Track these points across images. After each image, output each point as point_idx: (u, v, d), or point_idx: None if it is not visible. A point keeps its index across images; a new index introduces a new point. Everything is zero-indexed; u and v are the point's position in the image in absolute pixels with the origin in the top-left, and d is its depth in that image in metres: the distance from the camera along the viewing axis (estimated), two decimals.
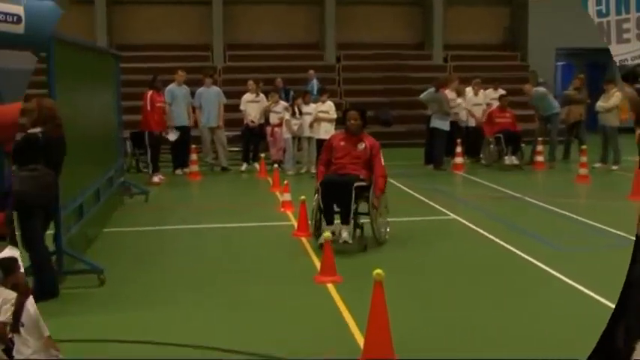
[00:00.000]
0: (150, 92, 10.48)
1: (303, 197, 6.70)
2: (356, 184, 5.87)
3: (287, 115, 11.22)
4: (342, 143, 5.98)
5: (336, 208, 5.88)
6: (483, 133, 12.43)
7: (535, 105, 12.31)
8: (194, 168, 11.13)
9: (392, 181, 10.27)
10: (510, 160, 11.51)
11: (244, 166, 11.76)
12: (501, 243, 6.32)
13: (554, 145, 11.92)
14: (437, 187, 9.83)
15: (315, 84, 14.26)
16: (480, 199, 8.90)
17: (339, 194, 5.79)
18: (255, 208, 8.56)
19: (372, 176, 6.04)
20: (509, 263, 5.73)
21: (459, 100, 12.41)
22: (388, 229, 6.34)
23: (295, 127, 11.22)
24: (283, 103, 11.80)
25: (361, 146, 5.92)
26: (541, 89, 12.18)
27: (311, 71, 14.82)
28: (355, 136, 6.01)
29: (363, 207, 6.12)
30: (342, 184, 5.83)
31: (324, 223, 5.88)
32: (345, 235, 5.72)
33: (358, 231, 6.00)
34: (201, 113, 11.52)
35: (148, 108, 10.37)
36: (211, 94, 11.58)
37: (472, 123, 12.55)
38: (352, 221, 5.82)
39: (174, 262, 5.87)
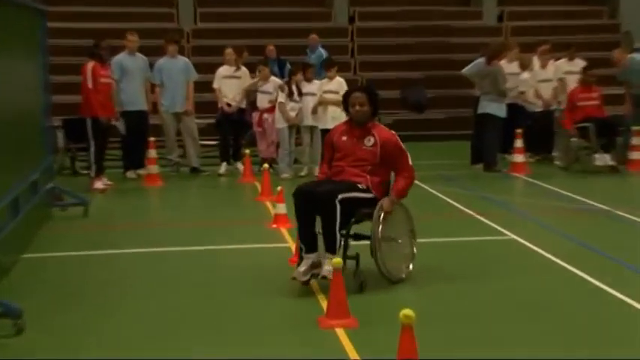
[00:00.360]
0: (91, 64, 10.45)
1: None
2: (342, 197, 5.50)
3: (281, 97, 11.18)
4: (344, 138, 5.79)
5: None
6: (554, 120, 12.42)
7: (628, 80, 12.26)
8: (153, 169, 11.13)
9: (425, 186, 10.36)
10: (603, 159, 11.23)
11: (223, 167, 11.75)
12: (582, 275, 6.24)
13: None
14: (488, 196, 9.80)
15: (320, 53, 14.26)
16: (550, 212, 8.85)
17: (317, 211, 5.54)
18: (237, 224, 8.53)
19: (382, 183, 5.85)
20: (594, 305, 5.63)
21: (525, 75, 12.37)
22: (411, 266, 6.04)
23: (293, 114, 11.20)
24: (276, 81, 11.76)
25: (369, 142, 5.70)
26: (638, 57, 12.12)
27: (314, 36, 14.83)
28: (360, 127, 5.78)
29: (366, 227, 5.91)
30: (319, 196, 5.49)
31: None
32: (326, 268, 5.40)
33: (350, 262, 5.67)
34: (162, 93, 11.50)
35: (89, 85, 10.36)
36: (176, 68, 11.61)
37: (539, 107, 12.54)
38: (342, 248, 5.59)
39: (124, 302, 5.82)
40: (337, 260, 5.07)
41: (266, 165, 10.05)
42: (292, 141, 11.40)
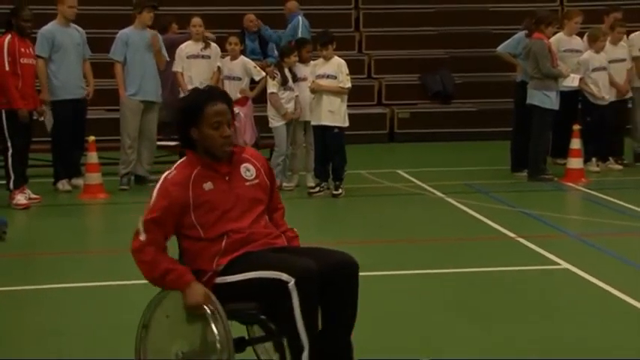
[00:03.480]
0: (7, 37, 10.47)
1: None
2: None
3: (272, 87, 11.18)
4: (210, 185, 4.53)
5: None
6: (626, 113, 12.54)
7: None
8: (94, 178, 11.15)
9: (451, 200, 10.46)
10: None
11: None
12: None
13: None
14: (533, 213, 9.86)
15: (297, 22, 14.21)
16: (616, 235, 8.90)
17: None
18: None
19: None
20: None
21: (588, 55, 12.36)
22: None
23: (290, 106, 11.20)
24: (245, 61, 11.77)
25: (249, 174, 4.69)
26: None
27: (292, 2, 14.81)
28: (219, 161, 4.61)
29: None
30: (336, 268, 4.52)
31: None
32: None
33: None
34: (127, 75, 11.49)
35: (6, 67, 10.37)
36: (145, 42, 11.56)
37: (609, 97, 12.55)
38: None
39: (55, 351, 5.83)
40: None
41: None
42: (289, 142, 11.34)
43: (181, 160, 4.66)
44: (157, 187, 4.50)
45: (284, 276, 4.25)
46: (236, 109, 11.69)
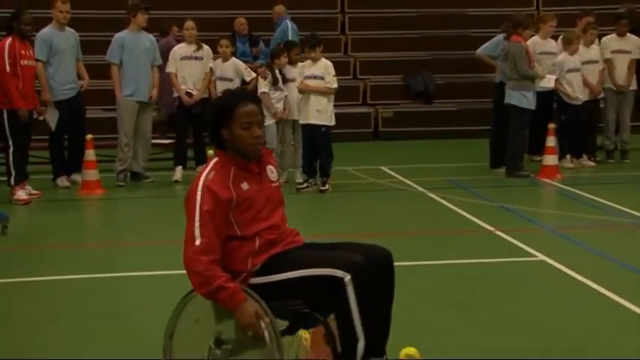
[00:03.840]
0: (8, 40, 10.47)
1: None
2: None
3: (264, 87, 11.20)
4: (246, 185, 4.43)
5: None
6: (598, 112, 12.60)
7: None
8: (92, 175, 11.14)
9: (433, 195, 10.48)
10: None
11: (178, 173, 11.79)
12: (629, 306, 6.32)
13: None
14: (511, 207, 9.90)
15: (285, 27, 14.22)
16: (589, 228, 8.94)
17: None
18: None
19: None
20: None
21: (563, 57, 12.39)
22: None
23: (279, 106, 11.20)
24: (236, 63, 11.81)
25: (273, 175, 4.66)
26: None
27: (280, 6, 14.81)
28: (250, 161, 4.52)
29: None
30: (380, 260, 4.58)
31: None
32: None
33: None
34: (123, 76, 11.50)
35: (7, 69, 10.36)
36: (141, 46, 11.56)
37: (582, 97, 12.58)
38: None
39: (53, 342, 5.83)
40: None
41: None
42: (278, 140, 11.34)
43: (214, 160, 4.47)
44: (200, 190, 4.31)
45: (338, 272, 4.18)
46: None
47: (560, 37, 12.71)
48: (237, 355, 4.28)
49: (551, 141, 11.91)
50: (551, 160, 11.90)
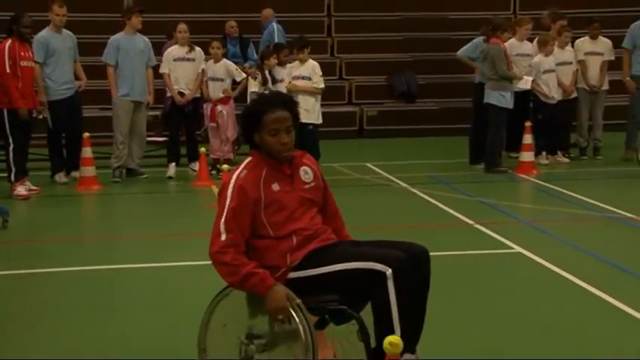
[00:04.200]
0: (8, 42, 10.43)
1: None
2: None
3: (254, 86, 11.22)
4: (277, 186, 4.36)
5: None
6: (572, 111, 12.64)
7: None
8: (89, 171, 11.11)
9: (415, 190, 10.50)
10: None
11: (172, 169, 11.77)
12: (600, 294, 6.36)
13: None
14: (489, 202, 9.92)
15: (275, 30, 14.21)
16: (564, 221, 8.98)
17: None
18: (191, 236, 8.54)
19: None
20: (612, 328, 5.77)
21: (538, 58, 12.45)
22: None
23: None
24: (227, 64, 11.82)
25: (307, 177, 4.53)
26: None
27: (268, 10, 14.81)
28: (283, 163, 4.43)
29: None
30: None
31: None
32: None
33: None
34: (118, 77, 11.47)
35: (7, 70, 10.32)
36: (135, 48, 11.54)
37: (557, 96, 12.61)
38: None
39: (52, 331, 5.83)
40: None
41: (226, 166, 10.03)
42: None
43: (248, 160, 4.41)
44: (231, 187, 4.25)
45: (379, 266, 4.10)
46: (219, 108, 11.74)
47: (536, 39, 12.74)
48: (270, 350, 4.22)
49: (527, 138, 11.94)
50: (527, 156, 11.93)
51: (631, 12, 15.41)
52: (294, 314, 4.08)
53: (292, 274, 4.27)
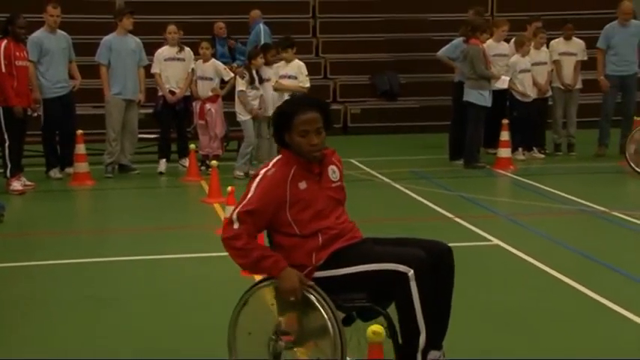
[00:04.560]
0: (4, 42, 10.36)
1: None
2: None
3: (241, 85, 11.17)
4: (304, 184, 4.26)
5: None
6: (547, 109, 12.68)
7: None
8: (82, 167, 11.07)
9: (397, 185, 10.50)
10: None
11: (162, 165, 11.73)
12: (573, 284, 6.39)
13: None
14: (468, 196, 9.95)
15: (261, 31, 14.17)
16: (539, 214, 9.02)
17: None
18: (181, 230, 8.56)
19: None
20: (585, 316, 5.79)
21: (515, 58, 12.47)
22: None
23: (255, 103, 11.15)
24: (216, 64, 11.78)
25: (335, 175, 4.45)
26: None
27: (255, 11, 14.77)
28: (314, 162, 4.33)
29: None
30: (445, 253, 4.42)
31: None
32: None
33: None
34: (111, 76, 11.42)
35: (3, 69, 10.26)
36: (127, 48, 11.49)
37: (532, 95, 12.64)
38: None
39: (47, 322, 5.81)
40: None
41: (214, 162, 10.01)
42: (255, 134, 11.28)
43: (278, 157, 4.32)
44: (256, 182, 4.18)
45: (402, 267, 4.02)
46: (208, 106, 11.70)
47: (513, 40, 12.76)
48: (299, 347, 4.17)
49: (504, 135, 11.96)
50: (504, 152, 11.95)
51: (603, 14, 15.46)
52: (317, 303, 4.01)
53: (318, 274, 4.18)
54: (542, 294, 6.27)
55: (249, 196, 4.15)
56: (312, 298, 4.03)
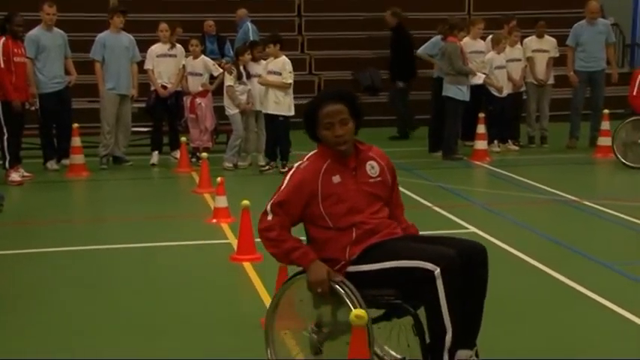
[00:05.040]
0: (2, 40, 10.28)
1: (245, 202, 6.69)
2: None
3: (229, 80, 11.12)
4: (338, 178, 4.15)
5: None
6: (521, 103, 12.69)
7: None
8: (78, 159, 11.02)
9: None
10: None
11: (155, 157, 11.68)
12: (546, 270, 6.41)
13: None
14: (447, 186, 9.95)
15: (250, 30, 14.12)
16: (514, 203, 9.03)
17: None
18: (172, 219, 8.54)
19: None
20: (557, 301, 5.81)
21: (491, 55, 12.48)
22: None
23: (243, 98, 11.12)
24: (205, 60, 11.75)
25: (373, 171, 4.30)
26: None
27: (242, 10, 14.72)
28: (347, 156, 4.22)
29: None
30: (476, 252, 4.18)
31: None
32: None
33: None
34: (105, 72, 11.35)
35: (2, 65, 10.18)
36: (120, 45, 11.43)
37: (507, 90, 12.65)
38: None
39: (46, 306, 5.80)
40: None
41: (204, 154, 9.97)
42: (243, 127, 11.25)
43: (314, 151, 4.21)
44: (289, 175, 4.11)
45: (429, 265, 3.83)
46: (198, 100, 11.66)
47: (489, 37, 12.76)
48: (332, 340, 4.07)
49: (481, 128, 11.97)
50: (481, 144, 11.96)
51: (573, 13, 15.49)
52: (346, 298, 3.88)
53: (350, 268, 4.04)
54: (517, 280, 6.28)
55: (282, 188, 4.09)
56: (341, 292, 3.90)
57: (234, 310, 5.65)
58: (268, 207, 4.07)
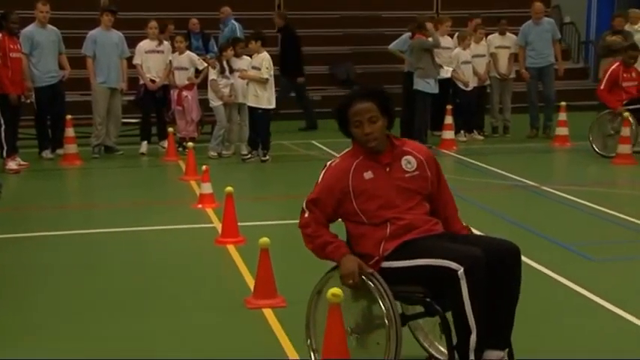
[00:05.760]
0: None
1: (229, 189, 6.67)
2: None
3: (213, 74, 11.08)
4: (370, 174, 3.95)
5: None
6: (485, 96, 12.74)
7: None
8: (71, 149, 10.94)
9: None
10: None
11: (144, 146, 11.62)
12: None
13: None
14: None
15: (233, 27, 14.06)
16: (478, 189, 9.08)
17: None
18: (161, 205, 8.52)
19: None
20: (533, 286, 5.83)
21: (457, 51, 12.51)
22: None
23: (225, 91, 11.07)
24: (190, 55, 11.70)
25: (410, 166, 4.02)
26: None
27: (225, 8, 14.65)
28: (380, 152, 3.99)
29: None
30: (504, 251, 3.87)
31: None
32: None
33: None
34: (96, 67, 11.28)
35: None
36: (110, 41, 11.36)
37: (473, 83, 12.68)
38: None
39: (42, 286, 5.76)
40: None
41: (191, 144, 9.94)
42: (227, 118, 11.21)
43: (348, 149, 4.03)
44: (322, 173, 3.97)
45: (453, 264, 3.58)
46: (184, 93, 11.61)
47: (456, 34, 12.79)
48: (362, 336, 3.90)
49: (448, 119, 12.01)
50: (448, 134, 12.01)
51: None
52: (377, 294, 3.71)
53: (384, 264, 3.83)
54: None
55: (316, 187, 3.99)
56: (370, 285, 3.72)
57: (218, 289, 5.65)
58: (304, 204, 3.98)
